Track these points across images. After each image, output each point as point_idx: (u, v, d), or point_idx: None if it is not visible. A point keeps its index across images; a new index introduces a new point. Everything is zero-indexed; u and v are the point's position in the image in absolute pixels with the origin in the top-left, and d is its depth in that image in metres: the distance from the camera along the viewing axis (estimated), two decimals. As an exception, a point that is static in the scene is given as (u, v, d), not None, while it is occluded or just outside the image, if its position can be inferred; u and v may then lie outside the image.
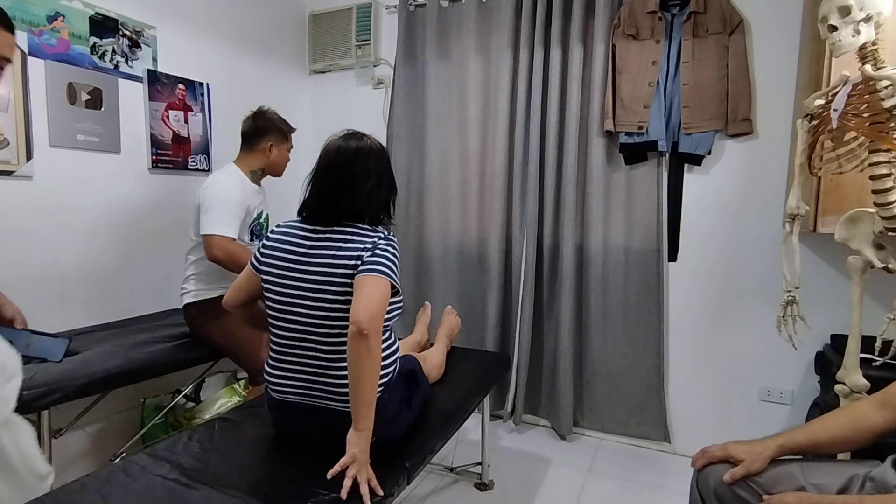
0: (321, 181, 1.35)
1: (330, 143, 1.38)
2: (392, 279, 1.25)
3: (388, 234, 1.34)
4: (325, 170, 1.35)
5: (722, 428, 2.34)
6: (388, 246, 1.29)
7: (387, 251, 1.27)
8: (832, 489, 1.04)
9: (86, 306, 2.04)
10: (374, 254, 1.25)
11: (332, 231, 1.31)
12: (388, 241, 1.31)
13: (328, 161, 1.35)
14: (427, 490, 2.08)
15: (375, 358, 1.19)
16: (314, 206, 1.35)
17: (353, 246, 1.27)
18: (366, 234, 1.30)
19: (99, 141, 2.04)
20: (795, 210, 1.58)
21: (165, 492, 1.14)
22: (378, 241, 1.28)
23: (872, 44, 1.34)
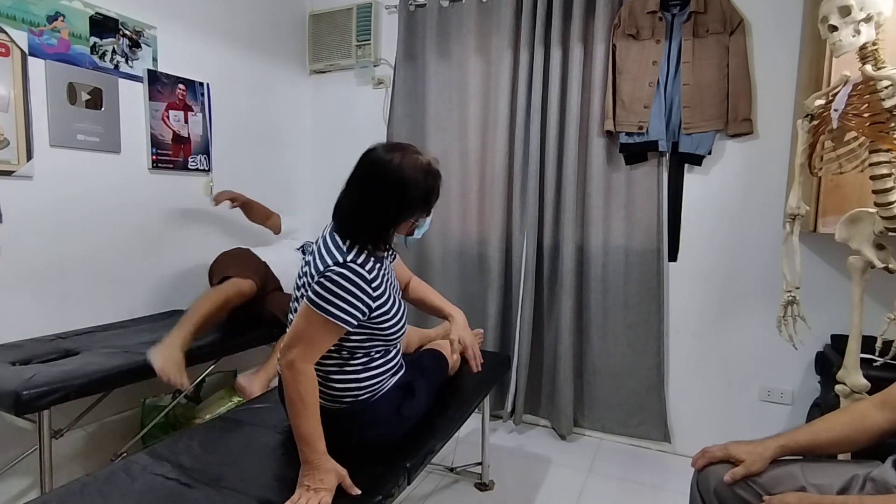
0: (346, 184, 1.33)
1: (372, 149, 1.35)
2: (323, 313, 1.16)
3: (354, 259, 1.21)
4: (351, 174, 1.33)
5: (722, 428, 2.34)
6: (338, 276, 1.17)
7: (333, 281, 1.17)
8: (833, 489, 1.04)
9: (86, 306, 2.04)
10: (319, 282, 1.18)
11: (329, 237, 1.29)
12: (343, 268, 1.18)
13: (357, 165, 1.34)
14: (427, 490, 2.08)
15: (289, 388, 1.15)
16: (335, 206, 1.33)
17: (317, 264, 1.23)
18: (332, 255, 1.22)
19: (99, 141, 2.04)
20: (796, 210, 1.58)
21: (166, 492, 1.14)
22: (330, 267, 1.18)
23: (873, 44, 1.34)
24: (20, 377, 1.45)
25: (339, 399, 1.31)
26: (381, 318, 1.27)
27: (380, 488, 1.19)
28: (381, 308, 1.26)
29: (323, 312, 1.16)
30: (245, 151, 2.71)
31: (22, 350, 1.70)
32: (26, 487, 1.82)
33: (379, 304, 1.26)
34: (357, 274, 1.19)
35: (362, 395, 1.31)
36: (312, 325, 1.17)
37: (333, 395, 1.31)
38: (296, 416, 1.15)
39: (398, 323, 1.33)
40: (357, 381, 1.30)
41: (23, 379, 1.43)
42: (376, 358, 1.34)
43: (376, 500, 1.16)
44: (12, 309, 1.82)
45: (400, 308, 1.36)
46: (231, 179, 2.61)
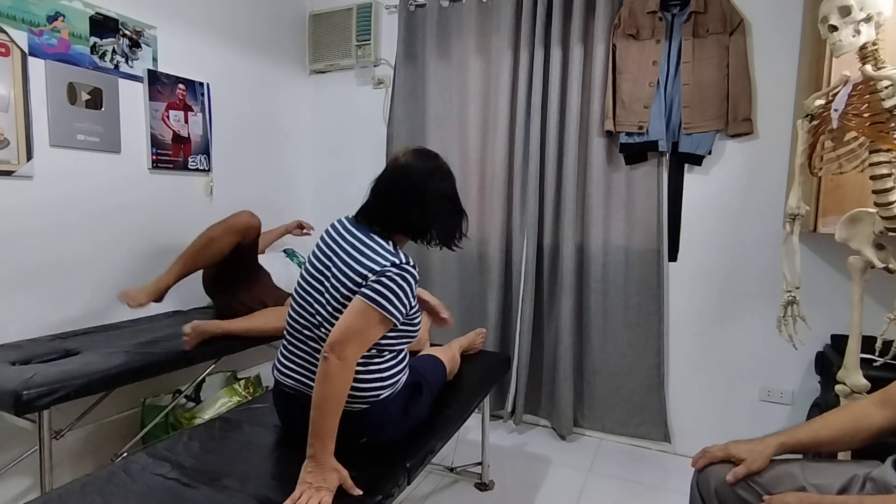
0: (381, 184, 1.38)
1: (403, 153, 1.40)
2: (383, 311, 1.22)
3: (406, 261, 1.29)
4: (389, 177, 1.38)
5: (722, 428, 2.34)
6: (397, 276, 1.25)
7: (393, 280, 1.24)
8: (832, 489, 1.04)
9: (86, 306, 2.04)
10: (379, 280, 1.23)
11: (365, 237, 1.32)
12: (401, 270, 1.26)
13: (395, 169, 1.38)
14: (427, 490, 2.08)
15: (331, 385, 1.16)
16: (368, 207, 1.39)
17: (367, 263, 1.26)
18: (383, 255, 1.27)
19: (99, 141, 2.04)
20: (796, 210, 1.58)
21: (166, 492, 1.14)
22: (388, 268, 1.25)
23: (873, 44, 1.34)
24: (20, 377, 1.44)
25: (363, 399, 1.30)
26: (414, 316, 1.35)
27: (380, 488, 1.19)
28: (415, 306, 1.34)
29: (382, 310, 1.21)
30: (245, 151, 2.71)
31: (22, 350, 1.70)
32: (26, 487, 1.82)
33: (415, 303, 1.33)
34: (412, 275, 1.28)
35: (384, 393, 1.33)
36: (370, 322, 1.21)
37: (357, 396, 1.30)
38: (325, 412, 1.15)
39: (420, 321, 1.42)
40: (382, 379, 1.32)
41: (23, 379, 1.43)
42: (398, 355, 1.38)
43: (376, 500, 1.16)
44: (12, 309, 1.82)
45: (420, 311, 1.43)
46: (231, 179, 2.61)
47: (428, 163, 1.39)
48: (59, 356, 1.69)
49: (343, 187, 3.01)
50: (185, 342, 1.79)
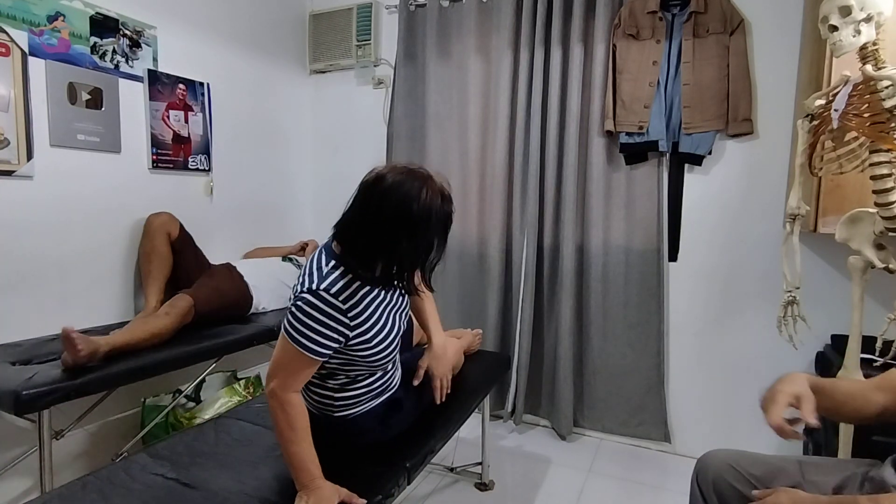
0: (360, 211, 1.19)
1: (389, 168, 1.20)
2: (294, 343, 1.10)
3: (327, 287, 1.12)
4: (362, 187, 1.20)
5: (722, 428, 2.34)
6: (306, 304, 1.10)
7: (300, 308, 1.11)
8: (829, 487, 1.04)
9: (86, 306, 2.04)
10: (291, 309, 1.13)
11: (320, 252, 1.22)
12: (314, 297, 1.10)
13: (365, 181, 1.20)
14: (427, 490, 2.08)
15: (274, 418, 1.12)
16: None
17: (297, 283, 1.17)
18: (308, 277, 1.15)
19: (99, 141, 2.04)
20: (796, 210, 1.58)
21: (166, 491, 1.14)
22: (301, 294, 1.12)
23: (873, 44, 1.34)
24: (20, 377, 1.45)
25: (319, 409, 1.30)
26: (359, 346, 1.20)
27: (380, 488, 1.19)
28: (360, 336, 1.18)
29: (294, 343, 1.11)
30: (245, 151, 2.71)
31: (22, 350, 1.70)
32: (27, 488, 1.82)
33: (358, 333, 1.18)
34: (327, 303, 1.11)
35: (338, 412, 1.29)
36: (288, 354, 1.13)
37: (313, 404, 1.30)
38: (286, 442, 1.12)
39: (382, 351, 1.24)
40: (332, 398, 1.28)
41: (23, 379, 1.43)
42: (358, 380, 1.29)
43: (376, 499, 1.16)
44: (12, 309, 1.82)
45: (387, 336, 1.25)
46: (231, 179, 2.61)
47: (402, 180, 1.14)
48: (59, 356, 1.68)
49: (343, 187, 2.96)
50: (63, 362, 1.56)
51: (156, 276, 2.09)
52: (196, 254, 2.25)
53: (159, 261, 2.10)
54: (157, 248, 2.10)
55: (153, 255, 2.10)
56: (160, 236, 2.11)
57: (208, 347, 1.89)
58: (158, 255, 2.10)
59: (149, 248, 2.11)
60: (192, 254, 2.23)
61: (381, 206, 1.13)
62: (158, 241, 2.11)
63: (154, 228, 2.12)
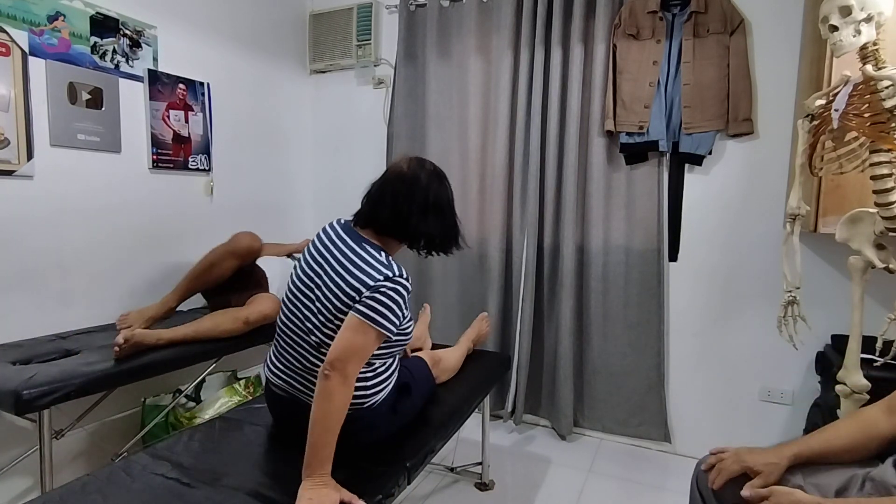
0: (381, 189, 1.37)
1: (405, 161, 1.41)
2: (379, 327, 1.21)
3: (399, 273, 1.27)
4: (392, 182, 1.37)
5: (722, 428, 2.34)
6: (391, 290, 1.23)
7: (387, 295, 1.23)
8: (831, 489, 1.04)
9: (86, 306, 2.04)
10: (373, 296, 1.21)
11: (357, 247, 1.31)
12: (395, 283, 1.24)
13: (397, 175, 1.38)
14: (427, 490, 2.08)
15: (334, 403, 1.15)
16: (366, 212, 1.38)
17: (361, 277, 1.24)
18: (377, 268, 1.25)
19: (99, 140, 2.04)
20: (796, 210, 1.58)
21: (166, 491, 1.14)
22: (381, 283, 1.23)
23: (873, 44, 1.34)
24: (20, 377, 1.45)
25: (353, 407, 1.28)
26: (408, 324, 1.35)
27: (380, 488, 1.19)
28: (407, 316, 1.33)
29: (378, 326, 1.21)
30: (245, 151, 2.71)
31: (22, 350, 1.70)
32: (26, 487, 1.82)
33: (406, 312, 1.32)
34: (405, 287, 1.27)
35: (372, 400, 1.32)
36: (368, 338, 1.21)
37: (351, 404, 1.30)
38: (326, 429, 1.13)
39: (411, 329, 1.40)
40: (372, 387, 1.32)
41: (23, 378, 1.43)
42: (388, 364, 1.38)
43: (376, 499, 1.16)
44: (12, 309, 1.82)
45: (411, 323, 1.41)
46: (231, 179, 2.61)
47: (427, 169, 1.40)
48: (59, 356, 1.69)
49: (343, 187, 3.00)
50: (115, 353, 1.65)
51: (195, 287, 2.07)
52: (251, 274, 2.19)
53: (211, 279, 2.06)
54: (223, 270, 2.06)
55: (213, 271, 2.05)
56: (232, 261, 2.07)
57: (208, 347, 1.89)
58: (215, 276, 2.05)
59: (214, 262, 2.05)
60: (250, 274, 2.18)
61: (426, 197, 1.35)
62: (228, 264, 2.06)
63: (237, 251, 2.06)
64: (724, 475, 1.10)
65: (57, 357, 1.68)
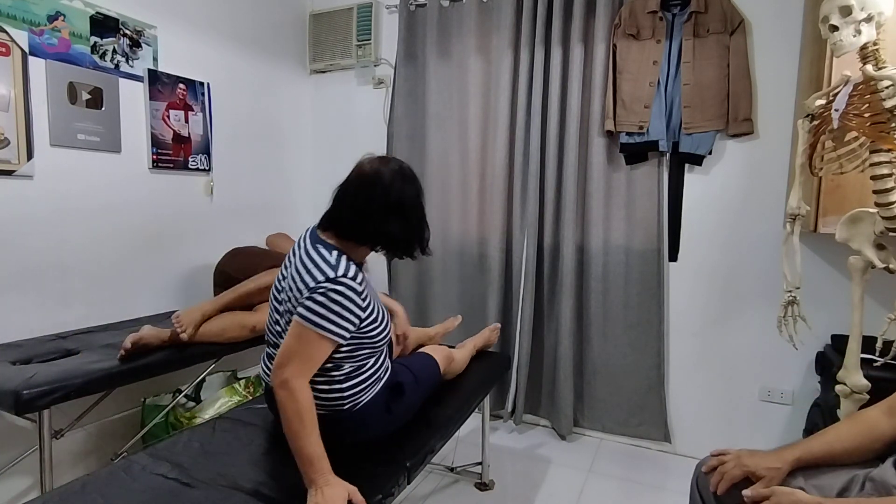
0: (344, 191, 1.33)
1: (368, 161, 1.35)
2: (318, 329, 1.16)
3: (344, 273, 1.20)
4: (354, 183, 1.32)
5: (722, 428, 2.34)
6: (330, 291, 1.17)
7: (325, 296, 1.17)
8: (833, 490, 1.04)
9: (86, 306, 2.03)
10: (311, 297, 1.17)
11: (313, 249, 1.27)
12: (335, 284, 1.17)
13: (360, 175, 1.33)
14: (427, 490, 2.08)
15: (287, 412, 1.12)
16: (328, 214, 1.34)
17: (305, 278, 1.21)
18: (320, 270, 1.20)
19: (99, 140, 2.04)
20: (796, 210, 1.58)
21: (166, 491, 1.14)
22: (320, 284, 1.17)
23: (874, 44, 1.34)
24: (20, 377, 1.45)
25: (332, 407, 1.30)
26: (369, 326, 1.28)
27: (380, 488, 1.19)
28: (369, 317, 1.27)
29: (317, 328, 1.16)
30: (245, 151, 2.71)
31: (22, 350, 1.70)
32: (26, 487, 1.82)
33: (368, 314, 1.26)
34: (348, 287, 1.19)
35: (347, 403, 1.30)
36: (306, 342, 1.16)
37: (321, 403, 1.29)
38: (295, 437, 1.12)
39: (385, 329, 1.35)
40: (344, 390, 1.29)
41: (23, 378, 1.43)
42: (363, 366, 1.33)
43: (376, 499, 1.16)
44: (12, 309, 1.82)
45: (384, 314, 1.36)
46: (231, 179, 2.61)
47: (391, 168, 1.32)
48: (59, 356, 1.69)
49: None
50: (121, 356, 1.64)
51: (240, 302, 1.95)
52: None
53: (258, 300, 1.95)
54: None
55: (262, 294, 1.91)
56: None
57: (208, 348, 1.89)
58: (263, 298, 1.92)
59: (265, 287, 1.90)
60: None
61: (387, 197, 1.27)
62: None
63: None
64: (727, 480, 1.09)
65: (57, 357, 1.68)
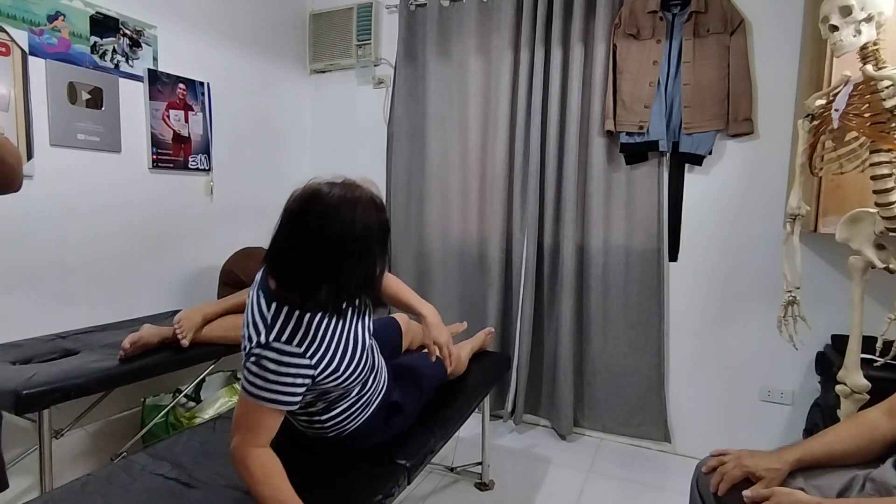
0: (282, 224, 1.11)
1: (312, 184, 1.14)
2: (257, 399, 1.03)
3: (277, 337, 1.04)
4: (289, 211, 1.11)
5: (722, 428, 2.34)
6: (261, 357, 1.03)
7: (256, 363, 1.03)
8: (833, 490, 1.04)
9: (86, 306, 2.03)
10: (246, 365, 1.05)
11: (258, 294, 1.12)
12: (264, 350, 1.03)
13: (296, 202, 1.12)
14: (427, 490, 2.08)
15: (248, 480, 1.03)
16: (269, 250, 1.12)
17: (247, 333, 1.08)
18: (257, 326, 1.06)
19: (99, 140, 2.04)
20: (796, 210, 1.58)
21: (166, 491, 1.14)
22: (252, 349, 1.04)
23: (874, 44, 1.34)
24: (20, 376, 1.44)
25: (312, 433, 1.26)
26: (327, 378, 1.12)
27: (380, 488, 1.19)
28: (326, 370, 1.11)
29: (256, 399, 1.04)
30: (245, 151, 2.71)
31: (22, 349, 1.70)
32: (26, 487, 1.82)
33: (323, 367, 1.10)
34: (283, 353, 1.04)
35: (331, 432, 1.25)
36: (249, 411, 1.05)
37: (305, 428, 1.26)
38: (260, 499, 1.03)
39: (353, 373, 1.18)
40: (321, 422, 1.23)
41: (23, 378, 1.43)
42: (339, 402, 1.23)
43: (376, 499, 1.16)
44: (12, 309, 1.82)
45: (354, 355, 1.18)
46: (231, 179, 2.61)
47: (324, 199, 1.08)
48: (59, 356, 1.69)
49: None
50: (120, 356, 1.64)
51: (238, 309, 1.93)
52: None
53: None
54: None
55: None
56: None
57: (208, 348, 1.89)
58: None
59: None
60: None
61: (320, 232, 1.04)
62: None
63: None
64: (728, 481, 1.09)
65: (57, 357, 1.68)
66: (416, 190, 2.78)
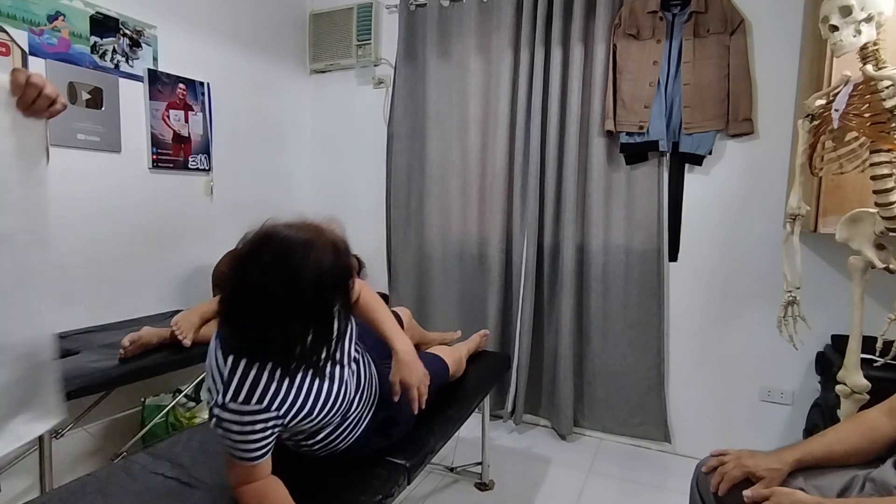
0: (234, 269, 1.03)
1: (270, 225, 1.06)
2: (232, 457, 1.01)
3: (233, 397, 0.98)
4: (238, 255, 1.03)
5: (722, 428, 2.34)
6: (220, 419, 0.98)
7: (219, 426, 0.99)
8: (833, 490, 1.04)
9: (86, 306, 2.03)
10: (212, 422, 1.01)
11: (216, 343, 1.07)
12: (224, 412, 0.98)
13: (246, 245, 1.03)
14: (427, 490, 2.08)
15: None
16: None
17: (209, 385, 1.06)
18: (216, 382, 1.02)
19: (99, 140, 2.04)
20: (796, 210, 1.58)
21: (166, 491, 1.14)
22: (212, 409, 1.00)
23: (874, 44, 1.34)
24: (20, 377, 1.44)
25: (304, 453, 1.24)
26: (301, 421, 1.08)
27: (380, 488, 1.19)
28: (298, 415, 1.06)
29: (231, 456, 1.01)
30: (245, 151, 2.71)
31: (22, 350, 1.70)
32: (26, 487, 1.82)
33: (294, 413, 1.05)
34: (241, 413, 0.98)
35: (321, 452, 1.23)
36: (231, 464, 1.03)
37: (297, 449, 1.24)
38: None
39: (331, 410, 1.12)
40: (309, 447, 1.21)
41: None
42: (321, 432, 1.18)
43: (376, 499, 1.16)
44: (12, 308, 1.81)
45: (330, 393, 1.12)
46: (231, 179, 2.61)
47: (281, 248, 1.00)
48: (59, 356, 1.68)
49: (343, 187, 3.00)
50: (120, 355, 1.65)
51: None
52: None
53: None
54: None
55: None
56: None
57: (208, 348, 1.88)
58: None
59: None
60: None
61: (266, 278, 0.97)
62: None
63: None
64: (728, 481, 1.09)
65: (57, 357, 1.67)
66: (416, 190, 2.78)
